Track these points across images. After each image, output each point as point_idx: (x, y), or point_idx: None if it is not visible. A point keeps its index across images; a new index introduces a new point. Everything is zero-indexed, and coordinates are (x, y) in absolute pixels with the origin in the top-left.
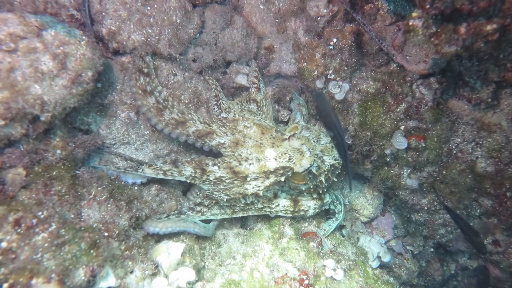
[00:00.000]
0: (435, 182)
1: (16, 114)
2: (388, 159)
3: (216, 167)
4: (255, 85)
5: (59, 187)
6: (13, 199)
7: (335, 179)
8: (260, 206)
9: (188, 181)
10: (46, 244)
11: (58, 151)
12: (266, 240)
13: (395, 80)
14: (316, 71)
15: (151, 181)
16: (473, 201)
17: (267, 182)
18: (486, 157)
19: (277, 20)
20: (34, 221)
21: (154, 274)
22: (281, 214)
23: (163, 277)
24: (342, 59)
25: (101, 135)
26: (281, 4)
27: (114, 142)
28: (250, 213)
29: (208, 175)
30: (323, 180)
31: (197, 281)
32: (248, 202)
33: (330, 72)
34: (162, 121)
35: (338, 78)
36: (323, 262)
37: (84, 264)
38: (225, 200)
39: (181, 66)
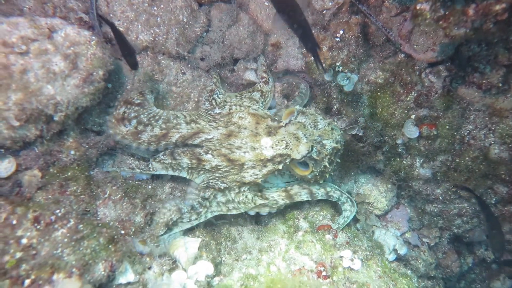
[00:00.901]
0: (448, 171)
1: (31, 115)
2: (400, 150)
3: (210, 156)
4: (264, 79)
5: (75, 187)
6: (30, 200)
7: (338, 160)
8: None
9: (188, 176)
10: (65, 240)
11: (72, 152)
12: (281, 235)
13: (403, 69)
14: (324, 65)
15: (164, 179)
16: (488, 188)
17: (265, 170)
18: (499, 143)
19: None
20: (53, 218)
21: (172, 269)
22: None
23: (182, 271)
24: (350, 51)
25: (113, 136)
26: None
27: None
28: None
29: (204, 165)
30: (327, 164)
31: (214, 275)
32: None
33: (338, 64)
34: (142, 143)
35: (346, 70)
36: (340, 253)
37: (103, 259)
38: (222, 187)
39: (189, 65)
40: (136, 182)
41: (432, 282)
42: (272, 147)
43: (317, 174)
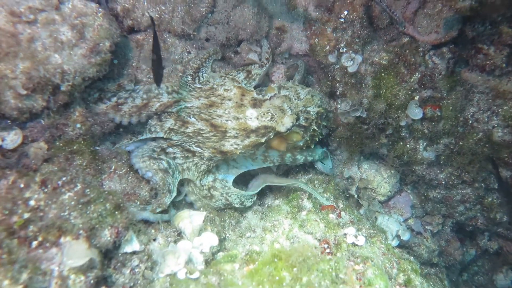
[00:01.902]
0: (452, 154)
1: (38, 84)
2: (403, 134)
3: (193, 119)
4: (262, 63)
5: (80, 161)
6: (36, 172)
7: (324, 124)
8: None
9: (165, 135)
10: (72, 202)
11: (78, 125)
12: (285, 215)
13: (407, 51)
14: (328, 46)
15: None
16: (491, 173)
17: (246, 141)
18: (502, 126)
19: None
20: (60, 182)
21: (177, 241)
22: None
23: (187, 241)
24: (354, 31)
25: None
26: None
27: None
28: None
29: (187, 127)
30: (316, 128)
31: (219, 250)
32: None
33: (342, 45)
34: (124, 115)
35: (350, 51)
36: (343, 231)
37: (109, 224)
38: (192, 149)
39: (194, 45)
40: None
41: (435, 270)
42: (257, 118)
43: (308, 139)
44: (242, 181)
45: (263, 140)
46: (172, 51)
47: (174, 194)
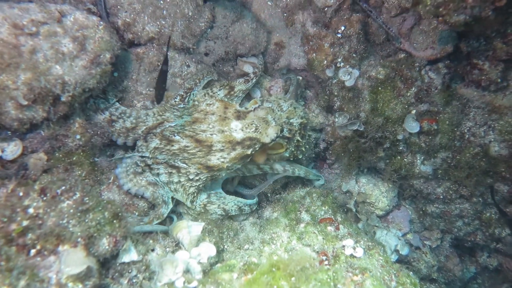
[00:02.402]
0: (449, 168)
1: (39, 94)
2: (400, 148)
3: (178, 137)
4: (247, 78)
5: (79, 172)
6: (35, 182)
7: (310, 133)
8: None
9: (150, 155)
10: (71, 210)
11: (78, 136)
12: (283, 228)
13: (403, 65)
14: (325, 61)
15: None
16: (489, 187)
17: (233, 154)
18: (499, 141)
19: (285, 15)
20: (59, 191)
21: (174, 251)
22: None
23: (185, 251)
24: (351, 46)
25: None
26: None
27: None
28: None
29: (172, 145)
30: (299, 138)
31: (217, 262)
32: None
33: (339, 60)
34: (114, 132)
35: (347, 66)
36: (342, 243)
37: (107, 233)
38: (176, 165)
39: (193, 59)
40: None
41: (435, 286)
42: (242, 130)
43: (293, 149)
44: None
45: (249, 152)
46: (171, 65)
47: (171, 205)
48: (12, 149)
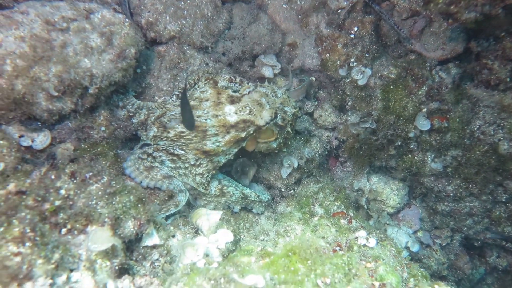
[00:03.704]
0: (459, 166)
1: (68, 86)
2: (411, 146)
3: (173, 123)
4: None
5: (104, 162)
6: (66, 166)
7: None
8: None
9: (152, 142)
10: (99, 193)
11: (103, 128)
12: (297, 221)
13: (414, 65)
14: (338, 61)
15: None
16: (498, 185)
17: (227, 137)
18: (508, 139)
19: (299, 17)
20: (88, 175)
21: (194, 238)
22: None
23: (204, 237)
24: (363, 47)
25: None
26: (303, 2)
27: None
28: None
29: (169, 132)
30: (290, 130)
31: (234, 250)
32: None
33: (352, 60)
34: (133, 125)
35: (360, 65)
36: (355, 235)
37: (132, 216)
38: (176, 153)
39: (212, 58)
40: None
41: (445, 283)
42: (236, 113)
43: (281, 140)
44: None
45: (243, 134)
46: (191, 63)
47: (187, 192)
48: (41, 139)
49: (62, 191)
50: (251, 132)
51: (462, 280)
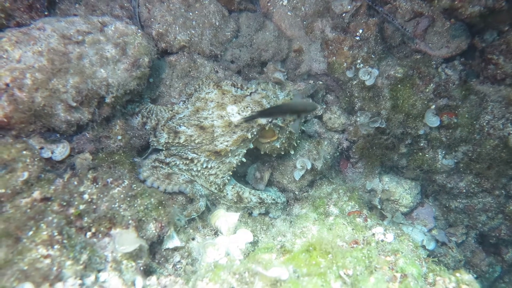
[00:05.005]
0: (471, 162)
1: (86, 96)
2: (422, 144)
3: (184, 127)
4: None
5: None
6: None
7: (303, 128)
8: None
9: (164, 148)
10: (121, 196)
11: (119, 137)
12: (313, 222)
13: (421, 64)
14: (345, 63)
15: None
16: (510, 179)
17: (235, 137)
18: None
19: (304, 23)
20: (109, 180)
21: (214, 239)
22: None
23: (225, 236)
24: (369, 48)
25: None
26: (307, 9)
27: None
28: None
29: (179, 137)
30: (292, 130)
31: (254, 250)
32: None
33: (359, 61)
34: (146, 132)
35: (367, 66)
36: (372, 231)
37: (154, 218)
38: (189, 157)
39: (221, 66)
40: None
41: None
42: (239, 113)
43: (284, 141)
44: None
45: (249, 134)
46: (201, 71)
47: (205, 199)
48: (60, 151)
49: (86, 196)
50: (255, 132)
51: (479, 278)
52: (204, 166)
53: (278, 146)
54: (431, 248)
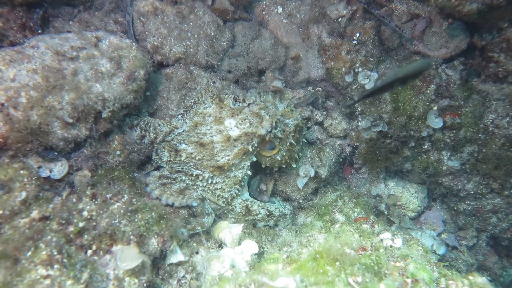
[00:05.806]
0: (477, 162)
1: (82, 112)
2: (425, 146)
3: (184, 145)
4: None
5: (121, 186)
6: (87, 188)
7: (305, 140)
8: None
9: (167, 166)
10: (121, 211)
11: (118, 153)
12: (319, 230)
13: None
14: (343, 68)
15: None
16: None
17: (235, 150)
18: None
19: (300, 29)
20: (108, 195)
21: (218, 251)
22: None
23: (229, 248)
24: (367, 51)
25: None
26: (302, 15)
27: None
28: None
29: (180, 155)
30: (293, 141)
31: (259, 262)
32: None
33: (357, 65)
34: (145, 146)
35: (366, 70)
36: (379, 237)
37: (155, 232)
38: (194, 174)
39: (218, 76)
40: None
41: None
42: (237, 127)
43: (284, 153)
44: None
45: (249, 147)
46: (198, 82)
47: (213, 215)
48: (59, 169)
49: (85, 213)
50: (256, 145)
51: (493, 281)
52: (209, 182)
53: (279, 159)
54: (441, 252)
